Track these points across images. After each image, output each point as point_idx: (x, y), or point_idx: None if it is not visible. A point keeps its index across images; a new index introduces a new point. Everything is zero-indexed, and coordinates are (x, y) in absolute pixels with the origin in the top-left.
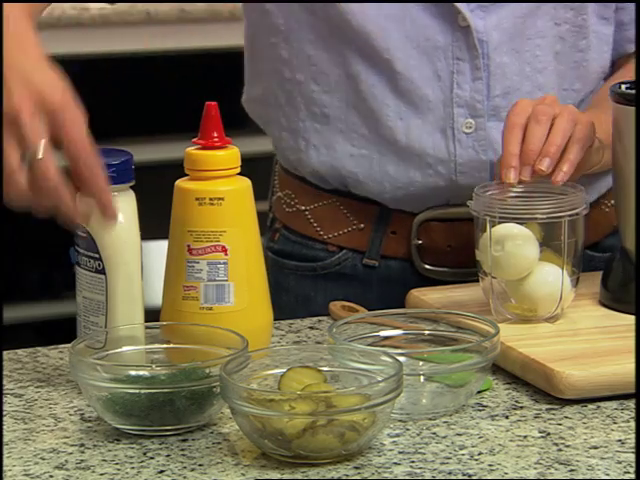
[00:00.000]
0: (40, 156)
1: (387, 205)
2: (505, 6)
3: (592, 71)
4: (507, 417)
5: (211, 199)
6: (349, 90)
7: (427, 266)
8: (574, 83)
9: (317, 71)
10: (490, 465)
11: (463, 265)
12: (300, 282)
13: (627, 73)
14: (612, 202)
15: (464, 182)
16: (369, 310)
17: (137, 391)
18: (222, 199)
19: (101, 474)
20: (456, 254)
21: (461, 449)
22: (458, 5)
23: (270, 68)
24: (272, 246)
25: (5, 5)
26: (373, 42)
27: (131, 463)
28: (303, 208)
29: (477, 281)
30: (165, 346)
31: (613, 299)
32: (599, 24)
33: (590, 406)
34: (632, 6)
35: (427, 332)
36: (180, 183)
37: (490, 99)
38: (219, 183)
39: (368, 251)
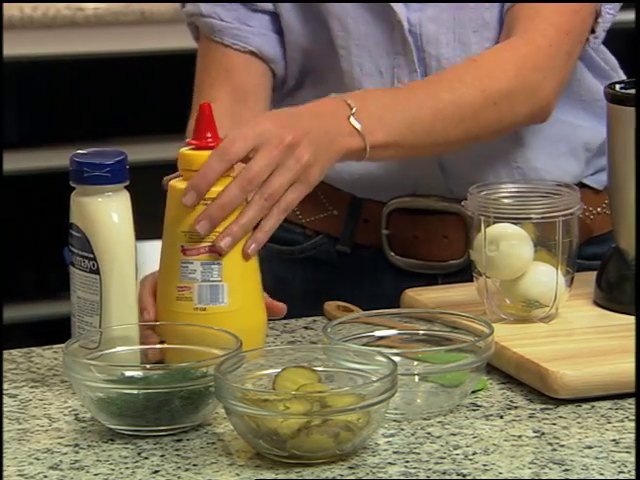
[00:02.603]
0: None
1: (355, 194)
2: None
3: None
4: (501, 417)
5: (205, 199)
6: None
7: (395, 256)
8: None
9: None
10: (484, 465)
11: (429, 258)
12: (279, 265)
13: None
14: (597, 210)
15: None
16: (340, 300)
17: (134, 391)
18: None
19: (95, 474)
20: (422, 245)
21: (455, 449)
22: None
23: None
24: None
25: None
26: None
27: (125, 463)
28: None
29: (449, 277)
30: (159, 346)
31: (607, 299)
32: None
33: (584, 406)
34: None
35: (422, 332)
36: (174, 183)
37: None
38: None
39: (341, 238)
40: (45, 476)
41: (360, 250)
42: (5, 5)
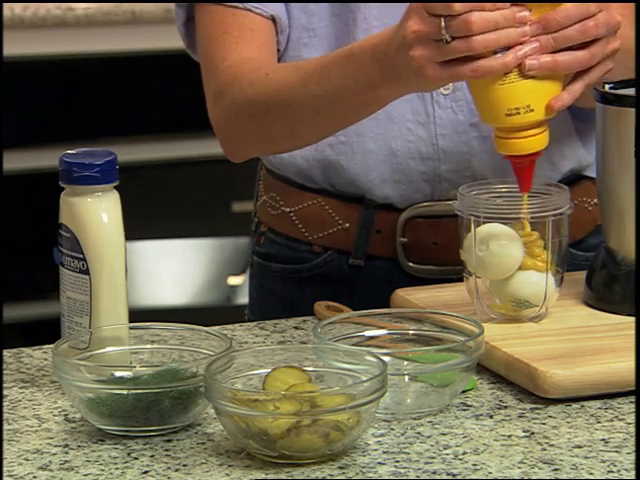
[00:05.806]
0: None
1: (373, 199)
2: None
3: None
4: (491, 417)
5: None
6: None
7: (412, 264)
8: None
9: None
10: (474, 465)
11: (448, 263)
12: (286, 285)
13: None
14: (595, 201)
15: (444, 145)
16: (355, 310)
17: (124, 392)
18: None
19: (85, 475)
20: (441, 251)
21: (445, 449)
22: None
23: None
24: (258, 250)
25: None
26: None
27: (115, 464)
28: (288, 210)
29: (462, 280)
30: (149, 347)
31: (597, 299)
32: None
33: (574, 405)
34: None
35: (412, 332)
36: None
37: None
38: None
39: (354, 251)
40: (35, 477)
41: (373, 261)
42: None
